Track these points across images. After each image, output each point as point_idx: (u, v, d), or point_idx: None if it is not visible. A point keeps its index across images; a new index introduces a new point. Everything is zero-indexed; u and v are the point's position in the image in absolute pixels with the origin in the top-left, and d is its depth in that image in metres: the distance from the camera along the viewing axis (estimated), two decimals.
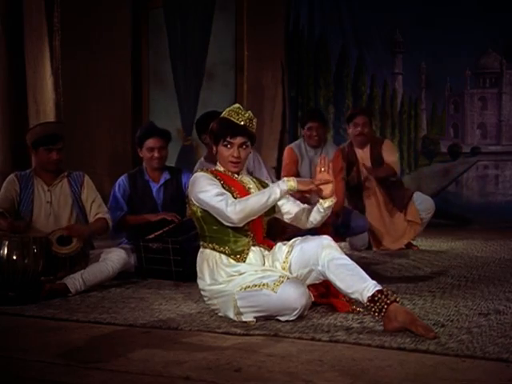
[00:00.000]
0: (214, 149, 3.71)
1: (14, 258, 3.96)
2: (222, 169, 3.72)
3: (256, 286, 3.40)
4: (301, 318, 3.38)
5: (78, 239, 4.34)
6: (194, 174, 3.69)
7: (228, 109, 3.68)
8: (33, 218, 4.51)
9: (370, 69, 10.11)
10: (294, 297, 3.31)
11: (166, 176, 5.25)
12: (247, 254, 3.60)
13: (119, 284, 4.56)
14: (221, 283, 3.54)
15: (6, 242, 3.96)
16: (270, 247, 3.70)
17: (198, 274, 3.69)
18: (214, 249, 3.62)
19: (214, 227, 3.59)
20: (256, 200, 3.47)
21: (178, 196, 5.24)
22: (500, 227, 8.33)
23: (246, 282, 3.46)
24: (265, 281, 3.39)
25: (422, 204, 6.49)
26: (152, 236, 4.86)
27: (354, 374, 2.56)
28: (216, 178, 3.62)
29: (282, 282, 3.34)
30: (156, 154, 5.14)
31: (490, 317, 3.42)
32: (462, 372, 2.57)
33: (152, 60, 9.44)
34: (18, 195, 4.54)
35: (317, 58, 10.04)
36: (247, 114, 3.63)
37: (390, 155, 6.48)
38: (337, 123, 9.91)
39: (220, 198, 3.47)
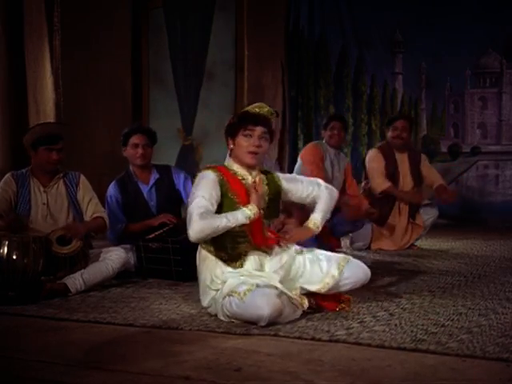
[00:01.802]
0: (231, 143, 3.62)
1: (14, 257, 3.95)
2: (234, 167, 3.64)
3: (232, 292, 3.36)
4: (300, 318, 3.39)
5: (77, 239, 4.32)
6: (203, 173, 3.58)
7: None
8: (30, 219, 4.48)
9: (370, 68, 10.12)
10: (259, 305, 3.23)
11: (155, 176, 5.20)
12: (244, 260, 3.56)
13: (119, 284, 4.56)
14: (216, 289, 3.53)
15: (6, 242, 3.96)
16: (270, 246, 3.66)
17: (198, 274, 3.68)
18: (209, 251, 3.59)
19: None
20: (221, 222, 3.36)
21: (172, 195, 5.21)
22: (500, 227, 8.34)
23: (227, 287, 3.44)
24: (238, 289, 3.35)
25: (425, 208, 6.51)
26: (152, 236, 4.86)
27: (353, 373, 2.56)
28: (222, 181, 3.53)
29: (251, 290, 3.29)
30: (140, 151, 5.09)
31: (490, 316, 3.43)
32: (462, 372, 2.57)
33: (152, 60, 9.43)
34: (15, 195, 4.50)
35: (317, 58, 10.04)
36: (268, 109, 3.64)
37: (433, 171, 6.58)
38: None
39: (197, 210, 3.38)
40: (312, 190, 3.77)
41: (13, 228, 4.18)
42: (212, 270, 3.57)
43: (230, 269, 3.54)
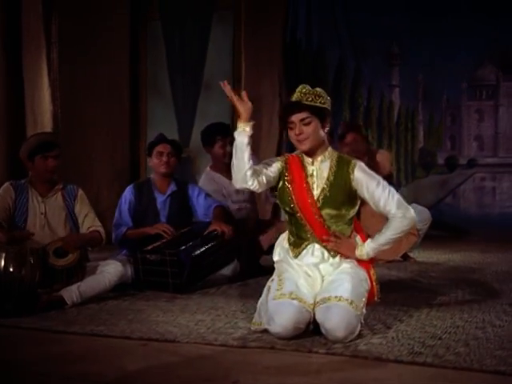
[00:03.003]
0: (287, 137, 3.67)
1: (11, 269, 3.94)
2: (300, 154, 3.62)
3: (276, 282, 3.43)
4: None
5: (74, 251, 4.31)
6: None
7: None
8: (27, 229, 4.48)
9: (367, 80, 10.16)
10: (280, 321, 3.22)
11: (173, 187, 5.25)
12: (303, 250, 3.53)
13: (116, 296, 4.54)
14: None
15: (3, 254, 3.95)
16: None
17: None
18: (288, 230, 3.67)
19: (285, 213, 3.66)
20: (234, 159, 3.49)
21: (184, 208, 5.26)
22: (497, 239, 8.34)
23: (282, 272, 3.49)
24: (284, 282, 3.39)
25: (419, 215, 6.45)
26: (150, 247, 4.85)
27: None
28: (284, 167, 3.57)
29: (286, 298, 3.29)
30: (164, 159, 5.16)
31: (487, 329, 3.43)
32: None
33: (150, 71, 9.44)
34: (13, 202, 4.51)
35: (314, 69, 10.08)
36: (302, 89, 3.55)
37: (384, 165, 6.46)
38: (334, 135, 9.91)
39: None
40: (385, 206, 3.53)
41: (13, 242, 4.17)
42: (281, 245, 3.65)
43: (289, 254, 3.57)
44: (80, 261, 4.35)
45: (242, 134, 3.46)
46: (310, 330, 3.36)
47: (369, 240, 3.58)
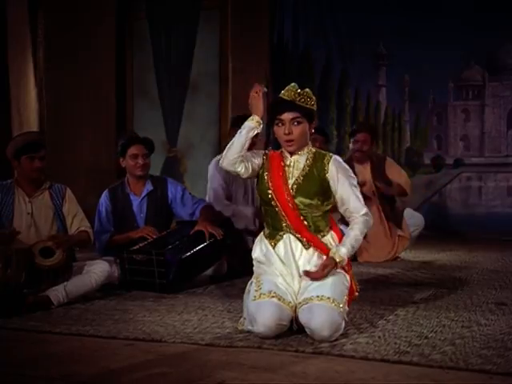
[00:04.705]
0: (272, 133, 3.71)
1: None
2: (284, 150, 3.66)
3: (254, 284, 3.46)
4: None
5: (60, 251, 4.28)
6: None
7: None
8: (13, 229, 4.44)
9: (353, 81, 10.17)
10: (261, 320, 3.24)
11: (148, 188, 5.16)
12: (279, 241, 3.55)
13: (102, 296, 4.53)
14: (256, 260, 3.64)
15: None
16: (318, 248, 3.52)
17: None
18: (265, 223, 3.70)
19: (262, 204, 3.68)
20: (236, 137, 3.55)
21: (163, 208, 5.18)
22: (483, 238, 8.37)
23: (260, 274, 3.52)
24: (262, 282, 3.42)
25: (412, 219, 6.52)
26: (136, 247, 4.83)
27: None
28: (265, 161, 3.63)
29: (265, 297, 3.32)
30: (140, 161, 5.07)
31: (473, 328, 3.44)
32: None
33: (136, 72, 9.42)
34: None
35: (301, 70, 10.08)
36: (295, 89, 3.58)
37: (400, 175, 6.44)
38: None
39: None
40: (353, 203, 3.54)
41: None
42: (259, 243, 3.66)
43: (267, 245, 3.58)
44: (66, 261, 4.32)
45: (253, 126, 3.54)
46: (294, 330, 3.37)
47: (340, 246, 3.53)
